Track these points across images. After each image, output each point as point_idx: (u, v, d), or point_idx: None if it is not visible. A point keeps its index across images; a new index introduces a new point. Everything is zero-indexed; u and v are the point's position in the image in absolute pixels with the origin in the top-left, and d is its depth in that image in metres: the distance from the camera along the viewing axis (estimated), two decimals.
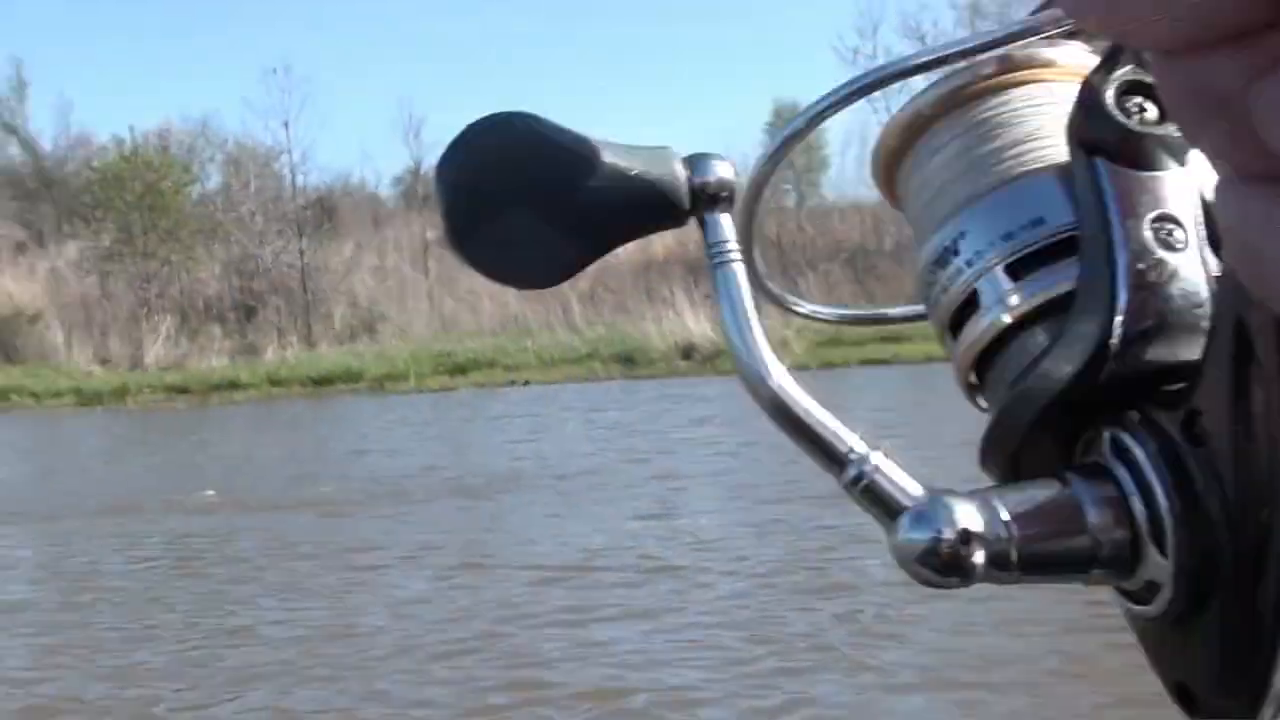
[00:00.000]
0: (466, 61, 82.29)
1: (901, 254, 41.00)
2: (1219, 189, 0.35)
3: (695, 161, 0.79)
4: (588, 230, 0.79)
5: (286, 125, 43.77)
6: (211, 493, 15.59)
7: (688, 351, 32.37)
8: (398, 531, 12.81)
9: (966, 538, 0.66)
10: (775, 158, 0.82)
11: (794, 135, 0.81)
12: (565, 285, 0.79)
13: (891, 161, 0.83)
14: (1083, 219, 0.72)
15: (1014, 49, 0.77)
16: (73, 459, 22.64)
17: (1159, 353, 0.69)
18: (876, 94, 0.80)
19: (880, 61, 0.85)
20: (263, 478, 17.59)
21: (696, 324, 32.92)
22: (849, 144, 43.14)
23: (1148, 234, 0.70)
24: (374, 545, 12.11)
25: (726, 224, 0.80)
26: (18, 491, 17.45)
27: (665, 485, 14.98)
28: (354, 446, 21.23)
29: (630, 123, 72.22)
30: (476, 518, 13.75)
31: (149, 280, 39.27)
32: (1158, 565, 0.67)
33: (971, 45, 0.76)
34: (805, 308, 0.98)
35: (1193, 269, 0.70)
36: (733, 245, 0.79)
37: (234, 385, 32.47)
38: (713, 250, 0.79)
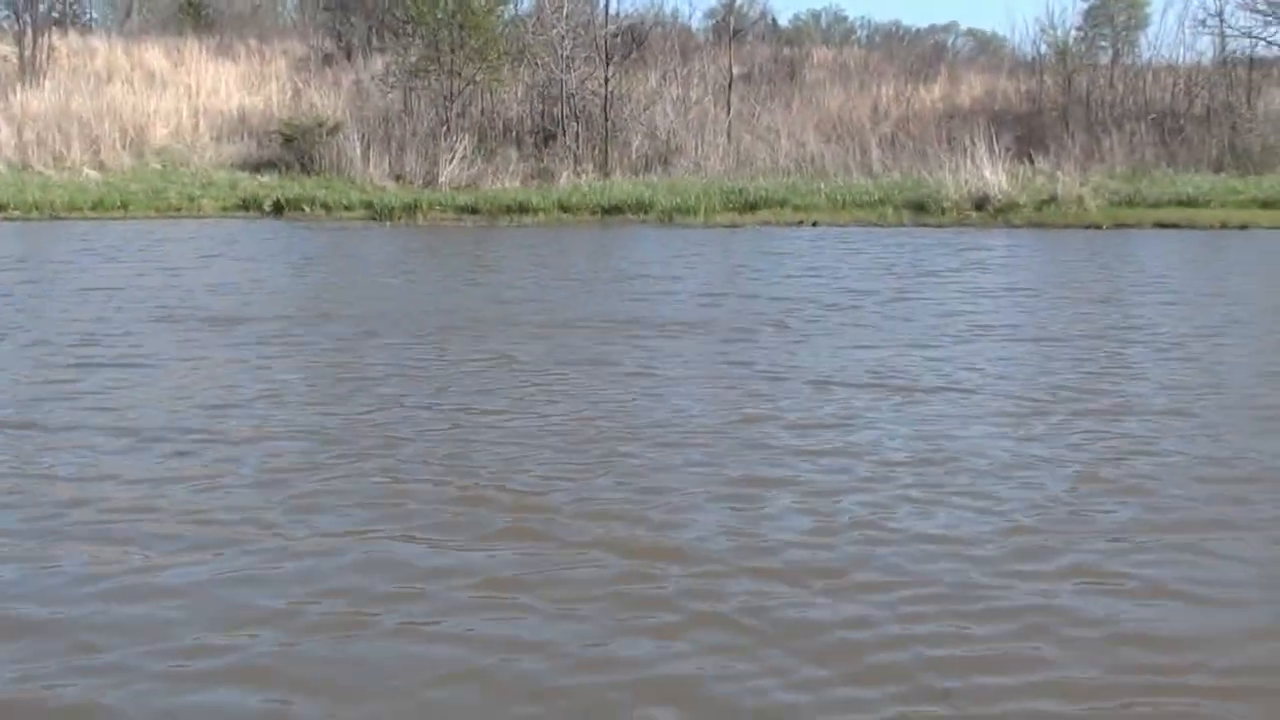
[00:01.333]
0: None
1: (1212, 119, 39.06)
2: None
3: None
4: None
5: None
6: None
7: (980, 202, 31.52)
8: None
9: None
10: None
11: None
12: (866, 127, 0.55)
13: None
14: None
15: None
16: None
17: None
18: None
19: None
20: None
21: (993, 174, 32.03)
22: (1171, 2, 41.10)
23: None
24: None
25: None
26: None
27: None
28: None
29: None
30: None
31: (451, 99, 39.87)
32: None
33: None
34: None
35: None
36: None
37: (524, 209, 32.86)
38: None
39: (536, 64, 42.09)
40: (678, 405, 11.45)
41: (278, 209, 33.43)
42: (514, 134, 40.96)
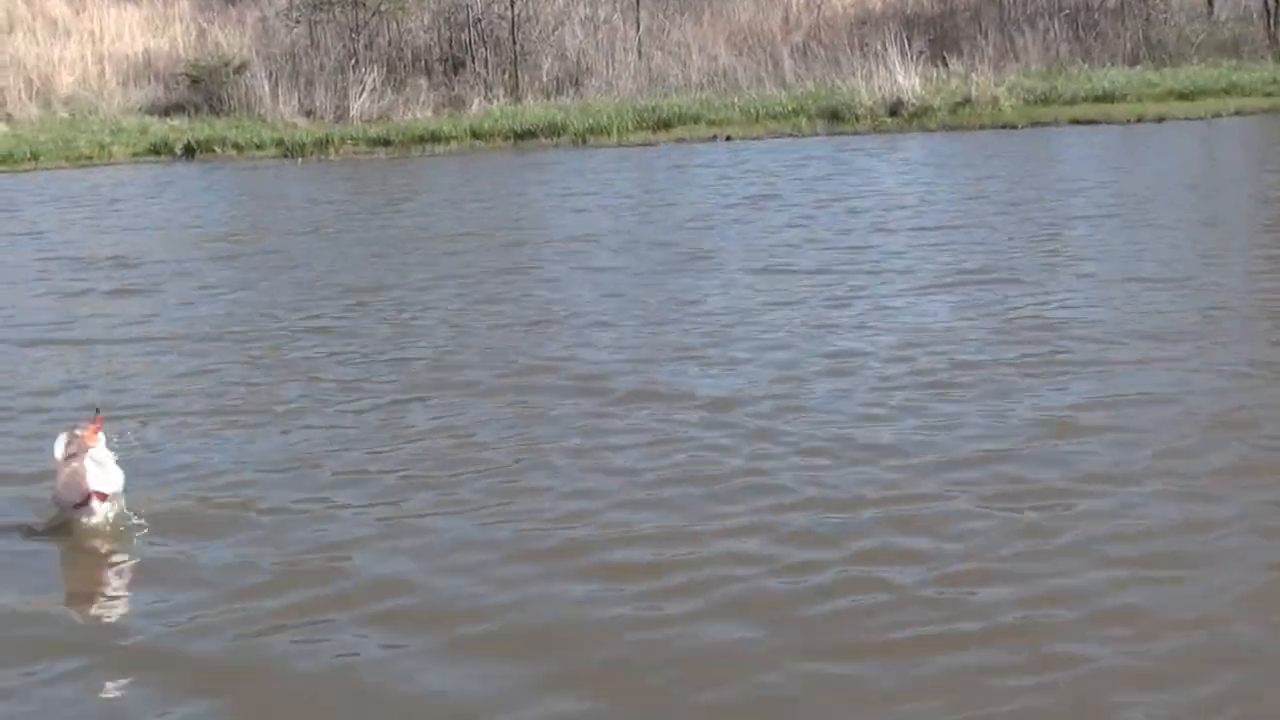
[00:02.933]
0: None
1: (1126, 12, 39.42)
2: None
3: None
4: None
5: None
6: None
7: (895, 108, 31.92)
8: None
9: None
10: None
11: None
12: (777, 37, 0.78)
13: None
14: None
15: None
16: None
17: None
18: None
19: None
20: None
21: (907, 79, 32.39)
22: None
23: None
24: None
25: None
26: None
27: None
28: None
29: None
30: None
31: (358, 30, 39.75)
32: None
33: None
34: None
35: None
36: None
37: (436, 138, 33.02)
38: None
39: None
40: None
41: (189, 152, 33.39)
42: (423, 63, 40.88)
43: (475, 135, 33.32)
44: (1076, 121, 30.61)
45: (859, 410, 9.20)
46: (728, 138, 31.81)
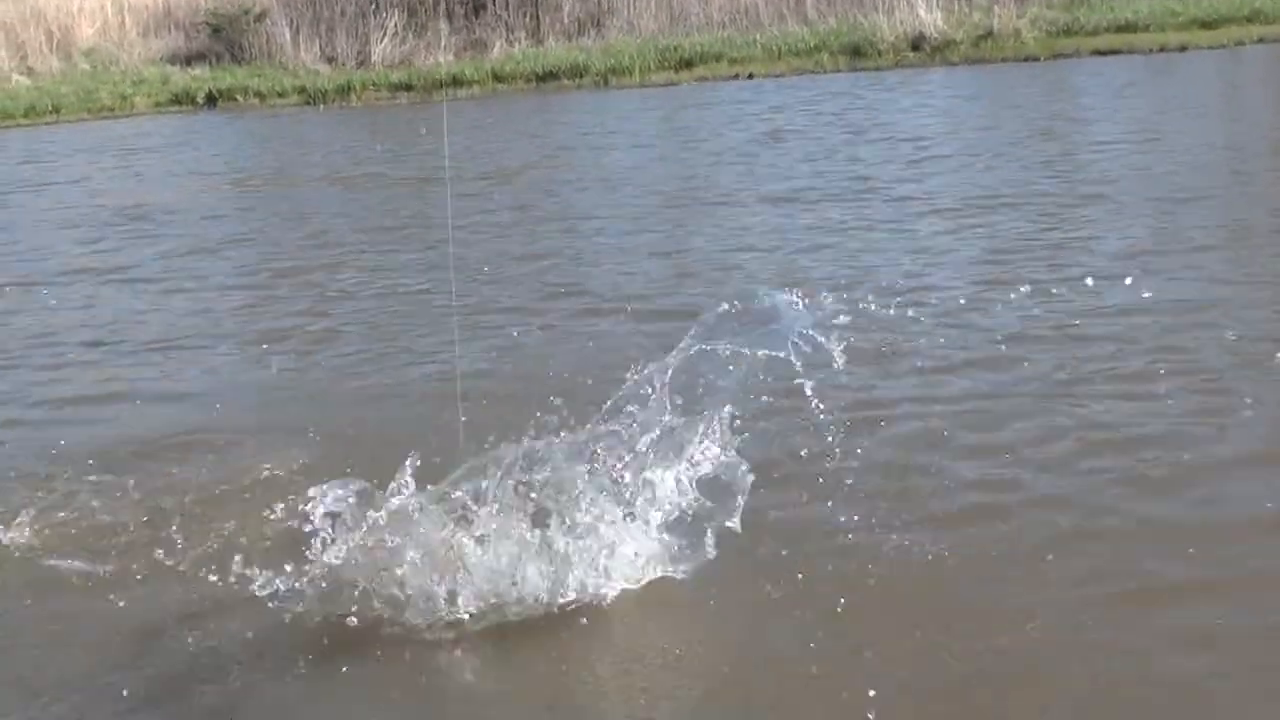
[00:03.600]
0: None
1: None
2: None
3: None
4: None
5: None
6: None
7: (917, 43, 31.95)
8: None
9: None
10: None
11: None
12: None
13: None
14: None
15: None
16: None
17: None
18: None
19: None
20: None
21: (929, 13, 32.39)
22: None
23: None
24: None
25: None
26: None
27: None
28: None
29: None
30: None
31: None
32: None
33: None
34: None
35: None
36: None
37: (458, 82, 33.17)
38: None
39: None
40: None
41: (211, 101, 33.66)
42: (443, 6, 40.96)
43: (497, 79, 33.48)
44: (1099, 52, 30.56)
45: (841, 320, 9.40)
46: (750, 76, 31.90)
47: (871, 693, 5.04)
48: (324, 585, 5.63)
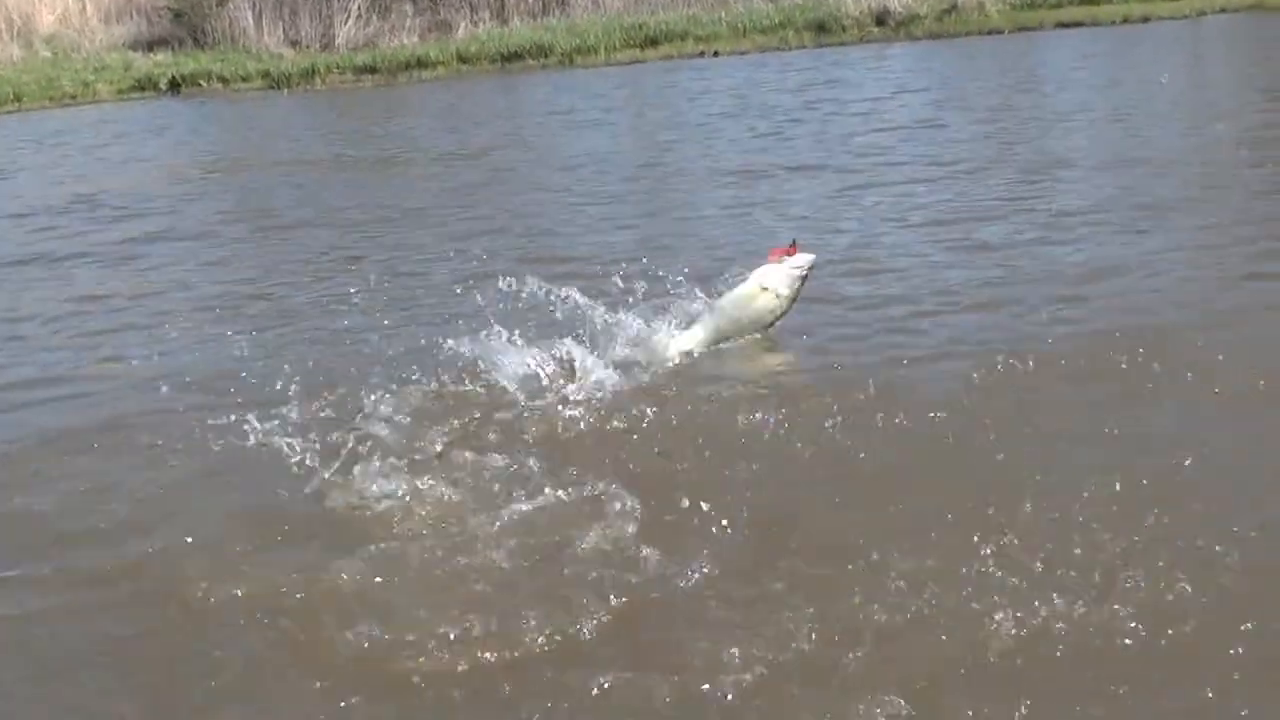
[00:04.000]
0: None
1: None
2: None
3: None
4: None
5: None
6: None
7: (882, 18, 32.03)
8: None
9: None
10: None
11: None
12: None
13: None
14: None
15: None
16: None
17: None
18: None
19: None
20: None
21: None
22: None
23: None
24: None
25: None
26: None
27: None
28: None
29: None
30: None
31: None
32: None
33: None
34: None
35: None
36: None
37: (422, 64, 33.15)
38: None
39: None
40: None
41: (174, 86, 33.53)
42: None
43: (462, 60, 33.46)
44: (1063, 25, 30.71)
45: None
46: (715, 53, 31.96)
47: None
48: None
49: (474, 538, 5.89)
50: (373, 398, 7.46)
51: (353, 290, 10.81)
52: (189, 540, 6.20)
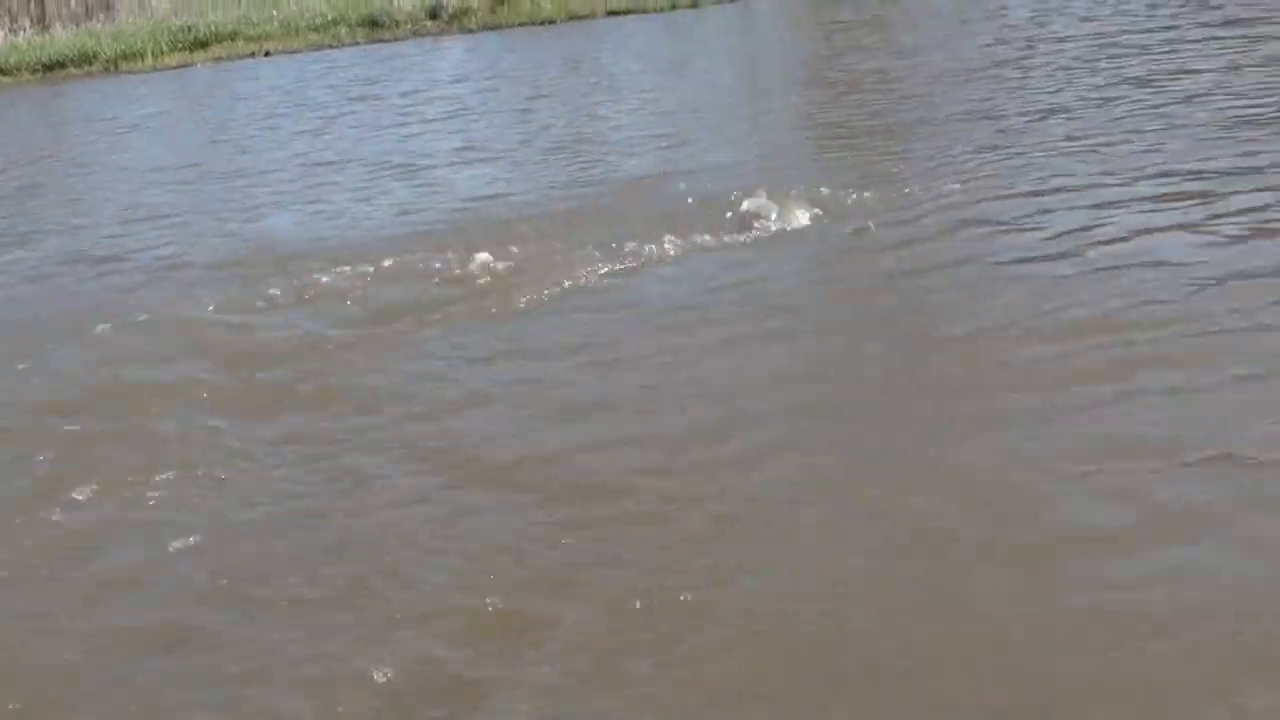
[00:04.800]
0: None
1: None
2: None
3: None
4: None
5: None
6: None
7: (435, 11, 32.02)
8: None
9: None
10: None
11: None
12: None
13: None
14: None
15: None
16: None
17: None
18: None
19: None
20: None
21: None
22: None
23: None
24: None
25: None
26: None
27: None
28: None
29: None
30: None
31: None
32: None
33: None
34: None
35: None
36: None
37: None
38: None
39: None
40: None
41: None
42: None
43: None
44: (614, 12, 31.28)
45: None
46: (267, 53, 31.40)
47: None
48: None
49: None
50: None
51: None
52: None
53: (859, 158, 10.77)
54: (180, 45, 32.49)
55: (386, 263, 8.72)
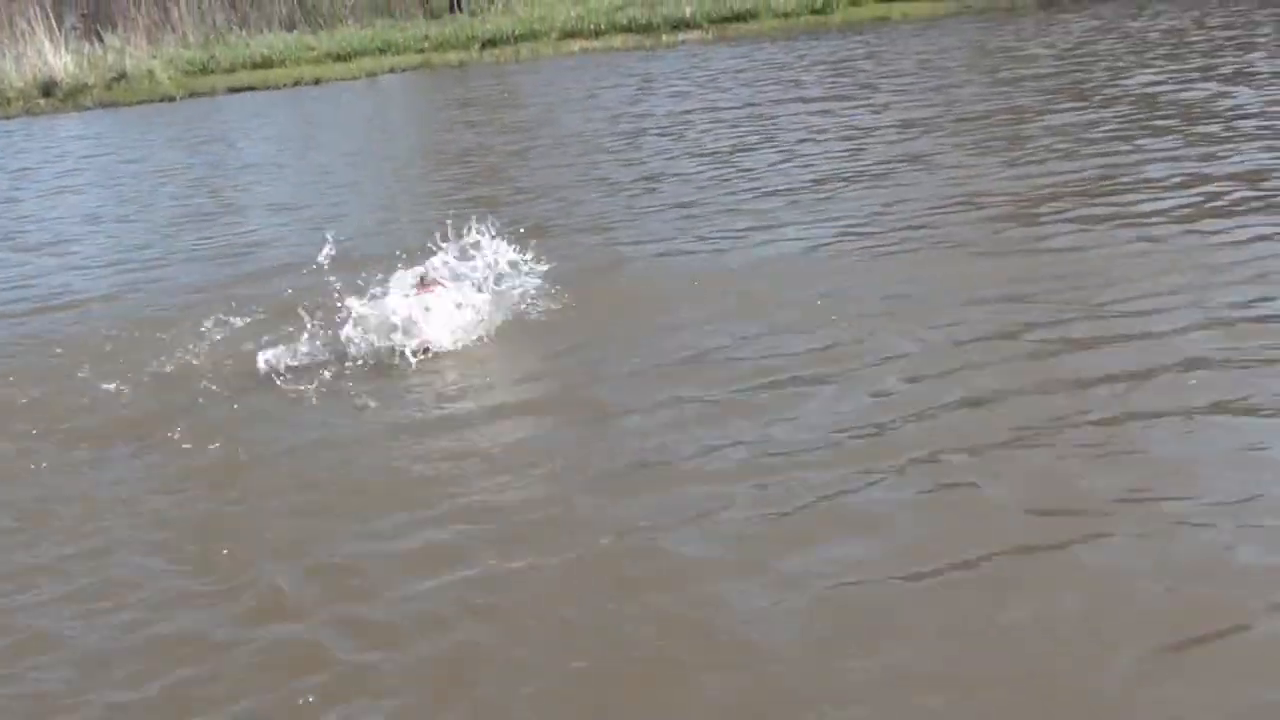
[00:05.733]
0: None
1: None
2: None
3: None
4: None
5: None
6: None
7: (48, 88, 30.85)
8: None
9: None
10: None
11: None
12: None
13: None
14: None
15: None
16: None
17: None
18: None
19: None
20: None
21: (57, 57, 31.39)
22: None
23: None
24: None
25: None
26: None
27: None
28: None
29: None
30: None
31: None
32: None
33: None
34: None
35: None
36: None
37: None
38: None
39: None
40: None
41: None
42: None
43: None
44: (236, 89, 30.72)
45: None
46: None
47: None
48: None
49: None
50: None
51: None
52: None
53: None
54: None
55: None
